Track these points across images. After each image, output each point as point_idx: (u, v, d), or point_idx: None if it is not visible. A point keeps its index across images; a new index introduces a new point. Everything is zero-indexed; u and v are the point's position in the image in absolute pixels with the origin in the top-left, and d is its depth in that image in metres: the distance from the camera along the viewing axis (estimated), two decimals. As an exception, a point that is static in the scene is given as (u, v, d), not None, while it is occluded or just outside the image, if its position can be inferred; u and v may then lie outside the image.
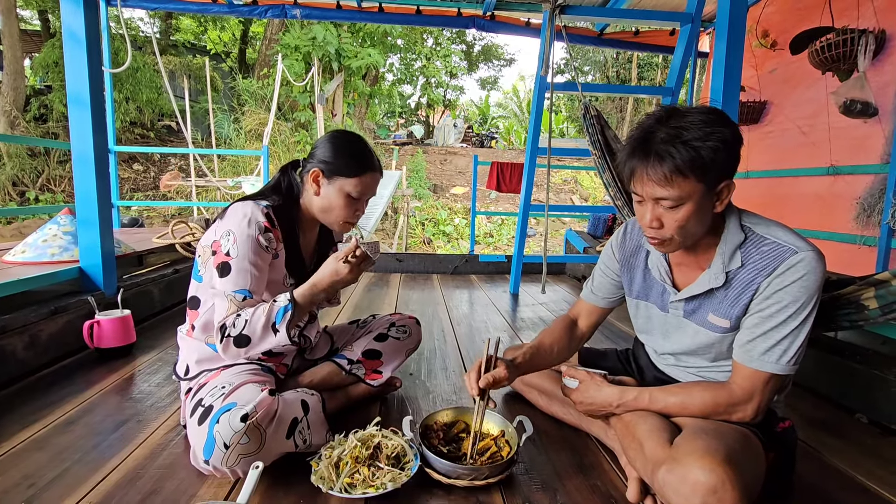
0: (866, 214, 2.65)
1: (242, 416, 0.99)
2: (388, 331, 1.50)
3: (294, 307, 1.11)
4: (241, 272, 1.13)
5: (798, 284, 0.92)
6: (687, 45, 2.82)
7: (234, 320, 1.11)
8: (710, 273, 1.02)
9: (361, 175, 1.22)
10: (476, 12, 3.69)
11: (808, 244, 0.94)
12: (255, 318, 1.10)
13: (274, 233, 1.19)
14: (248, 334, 1.10)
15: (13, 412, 1.37)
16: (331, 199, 1.22)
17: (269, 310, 1.11)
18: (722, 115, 0.94)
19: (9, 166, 9.15)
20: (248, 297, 1.13)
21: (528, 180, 3.09)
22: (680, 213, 0.93)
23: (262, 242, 1.15)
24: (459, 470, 1.05)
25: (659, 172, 0.91)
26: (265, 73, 12.29)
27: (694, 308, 1.07)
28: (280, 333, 1.10)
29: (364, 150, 1.24)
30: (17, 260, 2.07)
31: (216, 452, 0.98)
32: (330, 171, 1.21)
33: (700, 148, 0.88)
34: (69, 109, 2.00)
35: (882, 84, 2.61)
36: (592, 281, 1.33)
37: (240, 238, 1.13)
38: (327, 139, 1.25)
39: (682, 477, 0.84)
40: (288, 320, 1.10)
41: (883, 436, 1.41)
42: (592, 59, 16.51)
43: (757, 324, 0.97)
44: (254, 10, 3.68)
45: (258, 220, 1.15)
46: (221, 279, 1.13)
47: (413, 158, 14.62)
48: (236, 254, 1.13)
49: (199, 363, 1.24)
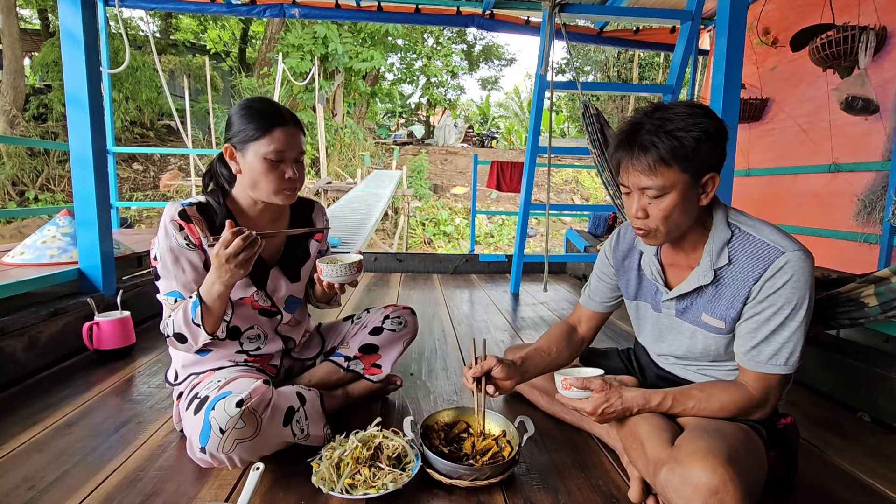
0: (867, 212, 2.64)
1: (238, 401, 0.99)
2: (383, 323, 1.47)
3: (201, 302, 1.08)
4: (167, 274, 1.14)
5: (789, 286, 0.93)
6: (687, 42, 2.81)
7: (167, 321, 1.13)
8: (699, 271, 1.03)
9: (270, 131, 1.11)
10: (475, 11, 3.68)
11: (794, 243, 0.95)
12: (178, 317, 1.10)
13: (189, 229, 1.14)
14: (179, 332, 1.11)
15: (13, 414, 1.37)
16: (252, 169, 1.13)
17: (184, 307, 1.10)
18: (706, 109, 0.96)
19: (8, 166, 9.16)
20: (180, 298, 1.13)
21: (529, 180, 3.08)
22: (664, 202, 0.95)
23: (179, 241, 1.13)
24: (461, 470, 1.04)
25: (643, 162, 0.94)
26: (265, 73, 12.29)
27: (685, 307, 1.08)
28: (201, 328, 1.09)
29: (267, 107, 1.14)
30: (16, 261, 2.07)
31: (212, 438, 0.99)
32: (239, 140, 1.12)
33: (683, 138, 0.91)
34: (68, 111, 2.00)
35: (883, 81, 2.60)
36: (589, 286, 1.35)
37: (160, 240, 1.14)
38: (232, 110, 1.16)
39: (683, 478, 0.83)
40: (202, 315, 1.08)
41: (885, 434, 1.40)
42: (593, 58, 16.50)
43: (756, 328, 0.97)
44: (252, 10, 3.67)
45: (171, 219, 1.13)
46: (157, 283, 1.15)
47: (414, 158, 14.62)
48: (160, 257, 1.14)
49: (185, 367, 1.24)
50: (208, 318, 1.09)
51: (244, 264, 1.04)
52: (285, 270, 1.32)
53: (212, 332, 1.11)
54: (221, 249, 1.02)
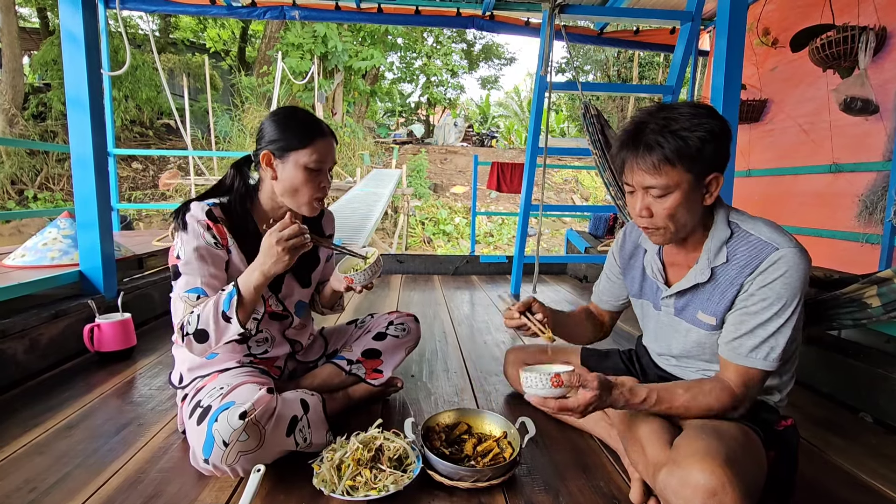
0: (868, 212, 2.64)
1: (241, 413, 0.98)
2: (387, 329, 1.49)
3: (237, 292, 1.08)
4: (191, 272, 1.12)
5: (781, 282, 0.93)
6: (687, 43, 2.81)
7: (189, 318, 1.10)
8: (697, 269, 1.04)
9: (314, 142, 1.15)
10: (475, 12, 3.68)
11: (790, 240, 0.95)
12: (206, 311, 1.08)
13: (217, 229, 1.16)
14: (203, 328, 1.08)
15: (14, 416, 1.37)
16: (291, 178, 1.16)
17: (216, 299, 1.09)
18: (711, 109, 0.97)
19: (7, 165, 9.14)
20: (203, 295, 1.12)
21: (529, 180, 3.08)
22: (668, 201, 0.96)
23: (207, 239, 1.14)
24: (462, 472, 1.04)
25: (648, 161, 0.94)
26: (265, 72, 12.28)
27: (683, 305, 1.09)
28: (232, 321, 1.07)
29: (309, 118, 1.19)
30: (17, 264, 2.07)
31: (215, 450, 0.98)
32: (280, 148, 1.15)
33: (688, 138, 0.92)
34: (68, 112, 2.00)
35: (883, 81, 2.60)
36: (599, 285, 1.38)
37: (186, 239, 1.13)
38: (269, 119, 1.19)
39: (682, 479, 0.83)
40: (236, 306, 1.06)
41: (887, 434, 1.41)
42: (593, 58, 16.49)
43: (742, 321, 0.97)
44: (252, 12, 3.67)
45: (199, 219, 1.14)
46: (176, 282, 1.14)
47: (413, 157, 14.61)
48: (184, 255, 1.13)
49: (191, 371, 1.24)
50: (242, 309, 1.08)
51: (292, 251, 1.05)
52: (298, 276, 1.35)
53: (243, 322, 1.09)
54: (277, 231, 1.04)
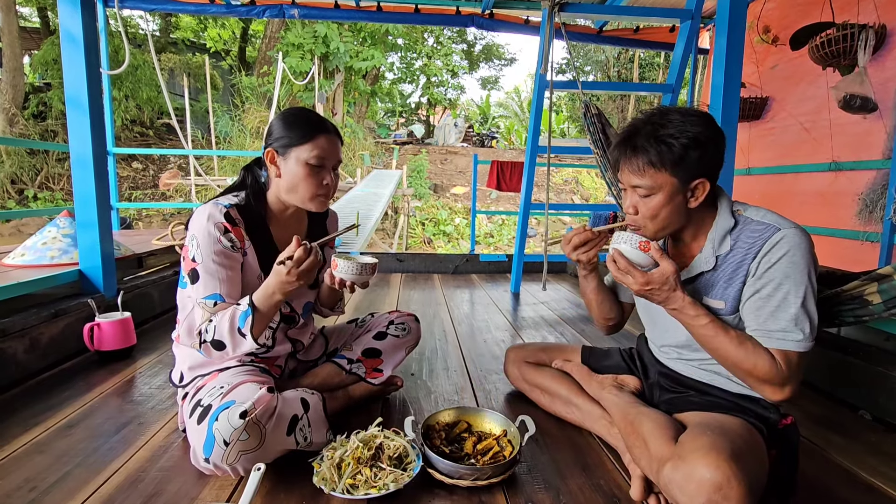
0: (868, 210, 2.64)
1: (241, 412, 0.98)
2: (387, 329, 1.49)
3: (254, 312, 1.09)
4: (209, 277, 1.12)
5: (786, 260, 0.94)
6: (687, 41, 2.81)
7: (207, 326, 1.11)
8: (701, 258, 1.06)
9: (315, 138, 1.16)
10: (475, 10, 3.68)
11: (790, 223, 0.98)
12: (222, 325, 1.09)
13: (235, 231, 1.15)
14: (219, 339, 1.10)
15: (14, 415, 1.37)
16: (292, 174, 1.16)
17: (231, 315, 1.09)
18: (704, 117, 1.00)
19: (7, 164, 9.15)
20: (220, 301, 1.12)
21: (529, 179, 3.08)
22: (652, 202, 1.01)
23: (224, 243, 1.13)
24: (462, 470, 1.04)
25: (634, 163, 1.01)
26: (265, 71, 12.28)
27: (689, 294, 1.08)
28: (248, 337, 1.09)
29: (312, 115, 1.20)
30: (16, 263, 2.07)
31: (216, 450, 0.98)
32: (283, 145, 1.16)
33: (672, 144, 0.97)
34: (68, 112, 2.00)
35: (883, 79, 2.60)
36: (608, 279, 1.38)
37: (202, 242, 1.12)
38: (275, 119, 1.21)
39: (687, 474, 0.84)
40: (251, 325, 1.08)
41: (886, 432, 1.41)
42: (594, 58, 16.50)
43: (759, 306, 0.97)
44: (251, 10, 3.66)
45: (217, 221, 1.13)
46: (193, 286, 1.13)
47: (413, 158, 14.61)
48: (201, 258, 1.12)
49: (192, 370, 1.23)
50: (258, 326, 1.10)
51: (306, 276, 1.07)
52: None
53: (257, 338, 1.11)
54: (294, 268, 1.04)
